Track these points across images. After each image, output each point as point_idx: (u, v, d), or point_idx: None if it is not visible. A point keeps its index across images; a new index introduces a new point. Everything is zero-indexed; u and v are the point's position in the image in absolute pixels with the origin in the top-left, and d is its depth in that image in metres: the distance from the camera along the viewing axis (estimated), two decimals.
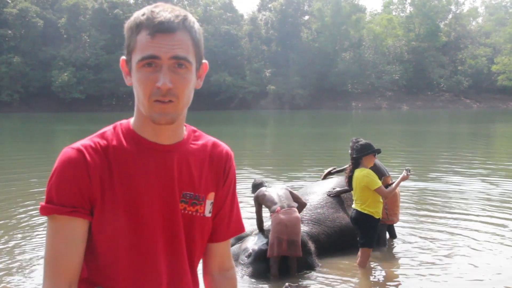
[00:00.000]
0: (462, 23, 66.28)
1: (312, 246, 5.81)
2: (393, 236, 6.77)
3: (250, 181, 6.20)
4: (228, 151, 1.49)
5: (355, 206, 5.51)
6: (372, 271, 5.70)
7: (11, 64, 50.13)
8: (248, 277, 5.29)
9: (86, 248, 1.34)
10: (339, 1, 59.92)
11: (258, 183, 5.93)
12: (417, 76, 59.19)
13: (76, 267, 1.31)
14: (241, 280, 5.25)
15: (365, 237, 5.46)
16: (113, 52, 50.17)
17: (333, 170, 7.21)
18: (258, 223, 5.70)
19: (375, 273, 5.69)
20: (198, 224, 1.42)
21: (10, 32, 51.42)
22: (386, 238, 6.54)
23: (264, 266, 5.34)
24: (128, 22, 1.32)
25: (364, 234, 5.46)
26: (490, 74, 59.90)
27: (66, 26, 54.31)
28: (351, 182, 5.56)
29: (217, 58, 57.03)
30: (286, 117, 43.32)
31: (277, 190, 5.67)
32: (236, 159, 1.58)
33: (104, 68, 50.95)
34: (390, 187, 5.57)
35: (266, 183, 5.97)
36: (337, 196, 6.55)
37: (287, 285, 4.42)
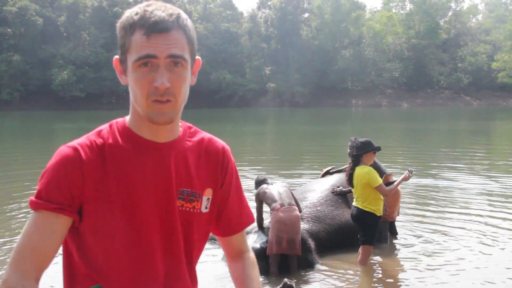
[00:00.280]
0: (462, 20, 66.26)
1: (312, 243, 5.81)
2: (394, 233, 6.77)
3: (250, 178, 6.21)
4: (224, 146, 1.49)
5: (356, 204, 5.51)
6: (373, 268, 5.71)
7: (11, 63, 50.13)
8: None
9: (84, 246, 1.34)
10: None
11: (261, 179, 5.91)
12: (417, 73, 59.19)
13: (46, 259, 1.28)
14: None
15: (366, 235, 5.47)
16: (113, 50, 50.03)
17: (331, 170, 7.22)
18: (258, 221, 5.69)
19: (375, 270, 5.69)
20: (195, 220, 1.42)
21: (9, 30, 51.40)
22: (388, 235, 6.55)
23: (264, 264, 5.33)
24: (121, 22, 1.32)
25: (365, 231, 5.46)
26: (490, 71, 59.90)
27: (65, 24, 54.28)
28: (351, 180, 5.56)
29: (217, 56, 57.03)
30: (286, 115, 43.30)
31: (278, 187, 5.65)
32: (236, 157, 1.58)
33: (104, 66, 50.92)
34: (391, 186, 5.57)
35: (269, 180, 5.95)
36: (340, 194, 6.55)
37: (285, 280, 4.42)
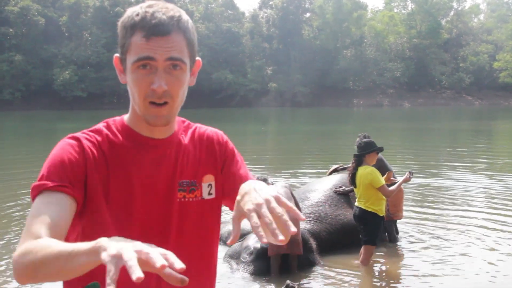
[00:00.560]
0: (464, 20, 66.19)
1: (313, 243, 5.80)
2: (395, 232, 6.77)
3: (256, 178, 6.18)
4: (217, 132, 1.53)
5: (359, 204, 5.50)
6: (375, 268, 5.70)
7: (13, 63, 50.21)
8: (250, 275, 5.29)
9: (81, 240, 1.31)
10: None
11: (261, 180, 5.88)
12: (418, 73, 59.13)
13: (58, 230, 1.20)
14: (242, 279, 5.26)
15: (369, 235, 5.46)
16: (114, 50, 48.58)
17: (339, 168, 7.21)
18: None
19: (377, 270, 5.68)
20: (197, 210, 1.43)
21: (11, 30, 51.46)
22: (396, 235, 6.55)
23: (265, 264, 5.33)
24: (122, 21, 1.33)
25: (368, 231, 5.45)
26: (492, 71, 59.83)
27: (67, 24, 54.35)
28: (354, 180, 5.56)
29: (219, 56, 57.04)
30: (288, 115, 43.29)
31: (277, 188, 5.62)
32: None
33: (106, 66, 50.95)
34: (392, 187, 5.57)
35: (269, 180, 5.93)
36: (343, 194, 6.55)
37: (288, 283, 4.42)
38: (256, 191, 1.16)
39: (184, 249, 1.43)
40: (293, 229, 1.05)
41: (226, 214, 6.06)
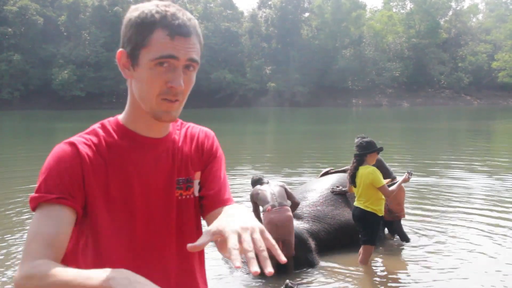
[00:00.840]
0: (463, 19, 66.26)
1: (312, 243, 5.80)
2: (393, 232, 6.78)
3: (250, 177, 6.18)
4: (207, 131, 1.55)
5: (358, 204, 5.50)
6: (373, 268, 5.70)
7: (11, 62, 50.20)
8: (248, 275, 5.29)
9: (82, 244, 1.34)
10: None
11: (255, 179, 5.85)
12: (417, 73, 59.19)
13: (62, 244, 1.24)
14: (241, 279, 5.26)
15: (368, 235, 5.47)
16: (113, 49, 50.00)
17: (330, 171, 7.22)
18: (262, 220, 5.68)
19: (376, 270, 5.68)
20: (192, 206, 1.46)
21: (10, 30, 51.44)
22: (406, 234, 6.57)
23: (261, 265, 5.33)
24: (138, 17, 1.30)
25: (367, 231, 5.46)
26: (491, 71, 59.90)
27: (66, 23, 54.34)
28: (354, 179, 5.55)
29: (217, 55, 57.06)
30: (286, 115, 43.30)
31: (271, 187, 5.58)
32: (237, 156, 1.59)
33: (104, 65, 50.95)
34: (392, 187, 5.59)
35: (265, 179, 5.90)
36: (340, 194, 6.55)
37: (287, 282, 4.42)
38: (242, 216, 1.17)
39: (185, 247, 1.43)
40: (270, 270, 1.03)
41: None
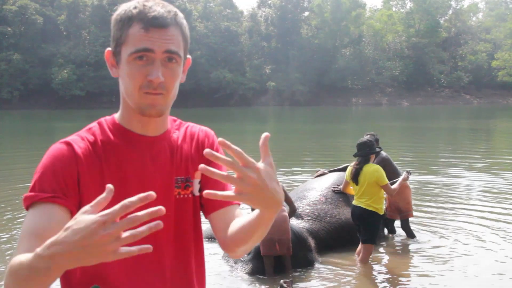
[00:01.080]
0: (462, 18, 66.23)
1: (312, 242, 5.80)
2: (392, 231, 6.78)
3: None
4: (208, 130, 1.53)
5: (358, 203, 5.47)
6: (373, 267, 5.69)
7: (11, 62, 50.18)
8: (247, 274, 5.29)
9: None
10: None
11: None
12: (417, 72, 59.17)
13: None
14: (238, 277, 5.26)
15: (368, 234, 5.46)
16: None
17: (327, 172, 7.20)
18: None
19: (376, 269, 5.67)
20: (191, 206, 1.44)
21: (9, 29, 51.42)
22: (412, 232, 6.57)
23: (259, 264, 5.33)
24: (118, 14, 1.33)
25: (368, 230, 5.45)
26: (490, 70, 59.90)
27: (65, 23, 54.31)
28: (357, 177, 5.50)
29: (217, 54, 57.03)
30: (286, 114, 43.29)
31: None
32: None
33: (104, 65, 50.03)
34: (394, 186, 5.61)
35: None
36: (341, 192, 6.54)
37: (281, 282, 4.41)
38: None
39: (184, 246, 1.43)
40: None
41: None
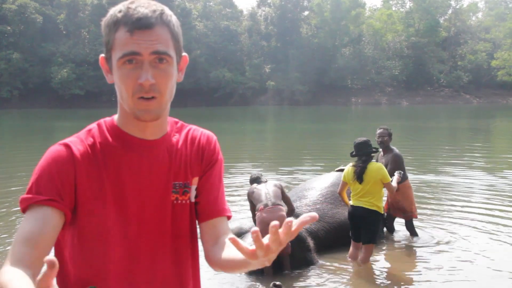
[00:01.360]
0: (462, 18, 66.19)
1: (311, 242, 5.80)
2: (391, 230, 6.78)
3: (249, 175, 6.19)
4: (209, 135, 1.49)
5: (360, 203, 5.41)
6: (372, 266, 5.69)
7: (11, 61, 50.11)
8: (246, 273, 5.28)
9: (76, 246, 1.32)
10: None
11: (254, 178, 5.86)
12: (416, 71, 59.14)
13: (46, 244, 1.23)
14: (236, 276, 5.26)
15: (370, 234, 5.46)
16: None
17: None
18: (254, 220, 5.67)
19: (375, 268, 5.67)
20: (188, 211, 1.42)
21: (9, 28, 51.34)
22: (416, 231, 6.58)
23: None
24: (105, 20, 1.32)
25: (370, 230, 5.44)
26: (490, 69, 59.87)
27: (65, 22, 54.24)
28: (361, 175, 5.41)
29: (217, 54, 56.98)
30: (286, 113, 43.26)
31: (267, 186, 5.56)
32: (236, 154, 1.58)
33: None
34: (393, 184, 5.62)
35: (263, 178, 5.90)
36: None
37: (271, 285, 4.39)
38: None
39: (181, 251, 1.43)
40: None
41: None
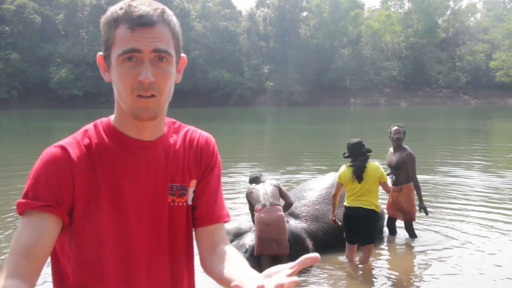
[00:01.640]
0: (461, 19, 66.31)
1: (310, 243, 5.80)
2: (393, 232, 6.76)
3: (248, 176, 6.19)
4: (208, 138, 1.47)
5: (358, 203, 5.39)
6: (372, 267, 5.69)
7: (9, 61, 50.10)
8: None
9: (72, 249, 1.31)
10: None
11: (253, 177, 5.87)
12: (415, 72, 59.24)
13: (38, 261, 1.22)
14: None
15: (371, 234, 5.49)
16: None
17: None
18: (253, 220, 5.67)
19: (373, 269, 5.67)
20: (184, 214, 1.41)
21: (7, 28, 51.32)
22: (415, 232, 6.58)
23: (259, 261, 5.33)
24: (105, 17, 1.30)
25: (370, 231, 5.46)
26: (488, 70, 59.99)
27: (64, 22, 54.20)
28: (361, 175, 5.38)
29: (215, 54, 57.01)
30: (284, 114, 43.28)
31: (265, 186, 5.57)
32: (234, 154, 1.57)
33: None
34: (389, 184, 5.63)
35: (262, 178, 5.90)
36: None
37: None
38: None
39: (177, 254, 1.42)
40: None
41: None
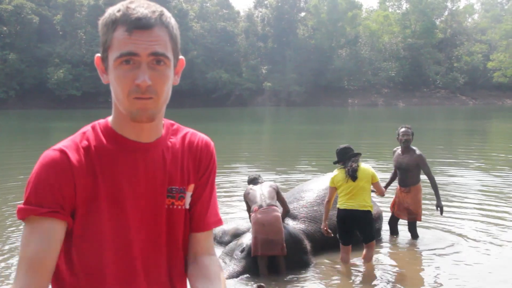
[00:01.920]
0: (458, 19, 66.38)
1: (308, 244, 5.80)
2: (395, 233, 6.75)
3: (244, 175, 6.20)
4: (207, 141, 1.47)
5: (352, 206, 5.38)
6: (370, 267, 5.69)
7: (7, 61, 50.04)
8: (240, 271, 5.28)
9: (71, 253, 1.31)
10: None
11: (251, 178, 5.87)
12: (413, 73, 59.31)
13: (48, 270, 1.25)
14: (230, 275, 5.26)
15: (372, 232, 5.55)
16: None
17: None
18: (251, 220, 5.68)
19: (372, 269, 5.67)
20: (182, 217, 1.41)
21: (5, 28, 51.25)
22: (417, 233, 6.59)
23: (256, 261, 5.34)
24: (103, 19, 1.29)
25: (370, 229, 5.52)
26: (486, 71, 60.09)
27: (61, 22, 54.15)
28: (355, 174, 5.40)
29: (213, 55, 57.00)
30: (283, 114, 43.29)
31: (262, 187, 5.58)
32: (233, 155, 1.58)
33: None
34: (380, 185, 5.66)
35: (260, 178, 5.91)
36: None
37: (255, 286, 4.37)
38: None
39: (174, 255, 1.42)
40: None
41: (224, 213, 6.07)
